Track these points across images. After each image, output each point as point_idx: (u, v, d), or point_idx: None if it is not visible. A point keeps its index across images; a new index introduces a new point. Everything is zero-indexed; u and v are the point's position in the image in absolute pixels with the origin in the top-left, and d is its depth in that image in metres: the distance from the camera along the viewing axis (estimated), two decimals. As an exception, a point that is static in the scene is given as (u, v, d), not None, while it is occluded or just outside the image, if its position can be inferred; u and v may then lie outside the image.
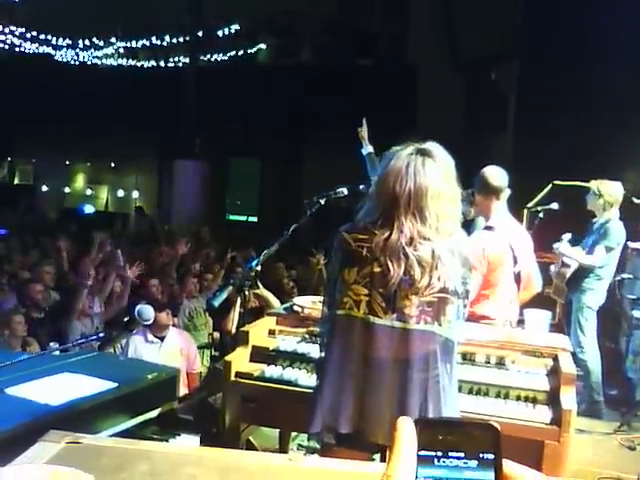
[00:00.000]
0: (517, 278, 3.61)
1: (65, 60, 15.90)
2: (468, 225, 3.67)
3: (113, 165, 17.75)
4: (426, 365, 2.19)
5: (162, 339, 5.08)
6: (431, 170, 2.19)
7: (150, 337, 5.02)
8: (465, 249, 2.26)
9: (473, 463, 0.64)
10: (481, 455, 0.64)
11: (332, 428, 2.24)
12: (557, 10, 8.86)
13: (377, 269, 2.19)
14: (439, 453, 0.65)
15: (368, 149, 4.25)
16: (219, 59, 15.12)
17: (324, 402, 2.26)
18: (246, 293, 3.35)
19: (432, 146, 2.25)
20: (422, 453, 0.65)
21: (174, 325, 5.47)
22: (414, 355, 2.18)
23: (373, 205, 2.27)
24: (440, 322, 2.19)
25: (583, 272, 5.43)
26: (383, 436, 2.13)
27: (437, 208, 2.19)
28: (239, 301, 3.56)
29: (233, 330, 4.45)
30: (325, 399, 2.26)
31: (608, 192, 5.32)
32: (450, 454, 0.65)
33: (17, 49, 15.26)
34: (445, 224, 2.20)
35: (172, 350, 5.07)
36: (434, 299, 2.17)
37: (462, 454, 0.65)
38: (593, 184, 5.40)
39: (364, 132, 4.30)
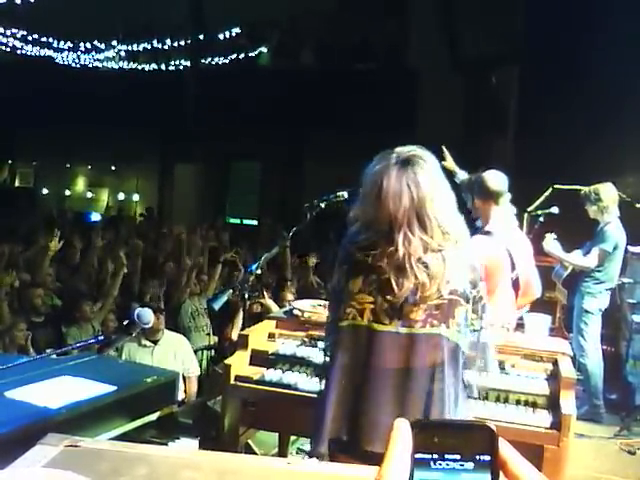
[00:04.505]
0: (515, 283, 3.61)
1: (66, 63, 15.92)
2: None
3: (114, 168, 17.76)
4: (432, 373, 2.12)
5: (155, 342, 5.06)
6: (424, 180, 2.14)
7: (143, 341, 5.00)
8: (471, 255, 2.22)
9: (469, 465, 0.64)
10: (477, 457, 0.64)
11: (337, 439, 2.18)
12: (557, 13, 8.86)
13: (384, 276, 2.15)
14: (435, 455, 0.64)
15: (459, 176, 4.14)
16: (220, 62, 15.13)
17: (330, 417, 2.19)
18: (246, 297, 3.36)
19: (417, 153, 2.18)
20: (418, 456, 0.65)
21: (171, 329, 5.44)
22: (419, 362, 2.12)
23: (370, 225, 2.20)
24: (448, 324, 2.13)
25: (581, 275, 5.44)
26: (382, 445, 2.09)
27: (439, 215, 2.14)
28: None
29: (235, 338, 4.44)
30: (331, 413, 2.19)
31: (603, 195, 5.32)
32: (446, 456, 0.64)
33: (19, 52, 15.27)
34: (450, 229, 2.16)
35: (165, 354, 5.04)
36: (443, 301, 2.12)
37: (458, 456, 0.64)
38: (587, 190, 5.40)
39: (449, 163, 4.17)
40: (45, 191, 18.30)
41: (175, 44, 15.37)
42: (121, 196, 17.93)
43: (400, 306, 2.14)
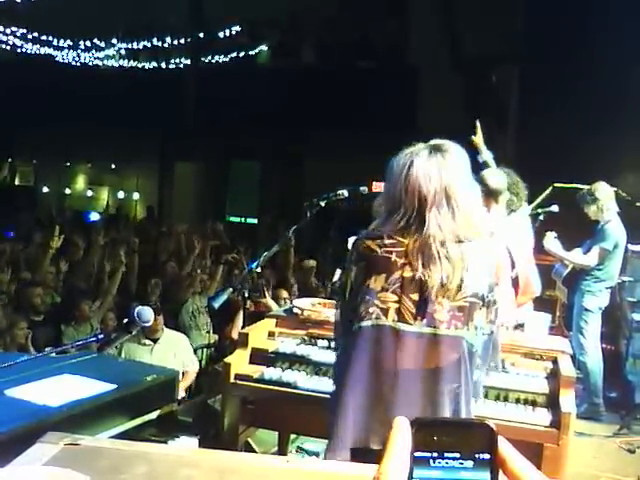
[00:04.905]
0: (515, 282, 3.61)
1: (66, 61, 15.91)
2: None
3: (114, 166, 17.75)
4: (456, 373, 2.08)
5: (155, 341, 5.05)
6: (456, 167, 2.12)
7: (143, 340, 4.99)
8: (492, 255, 2.20)
9: (469, 463, 0.64)
10: (477, 455, 0.64)
11: (363, 447, 2.09)
12: (558, 12, 8.86)
13: (408, 274, 2.09)
14: (435, 454, 0.65)
15: (484, 156, 4.02)
16: (220, 60, 15.13)
17: (352, 421, 2.11)
18: (246, 296, 3.36)
19: (446, 142, 2.18)
20: (418, 454, 0.65)
21: (171, 327, 5.44)
22: (443, 363, 2.08)
23: (397, 210, 2.15)
24: (468, 327, 2.10)
25: (581, 274, 5.44)
26: None
27: (465, 203, 2.12)
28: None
29: (235, 336, 4.44)
30: (352, 417, 2.11)
31: (598, 194, 5.33)
32: (446, 455, 0.65)
33: (19, 50, 15.26)
34: (474, 219, 2.14)
35: (165, 353, 5.03)
36: (465, 303, 2.08)
37: (458, 454, 0.64)
38: (581, 192, 5.42)
39: (478, 139, 4.06)
40: (45, 189, 18.29)
41: (175, 42, 15.35)
42: (121, 194, 17.92)
43: (425, 303, 2.08)
